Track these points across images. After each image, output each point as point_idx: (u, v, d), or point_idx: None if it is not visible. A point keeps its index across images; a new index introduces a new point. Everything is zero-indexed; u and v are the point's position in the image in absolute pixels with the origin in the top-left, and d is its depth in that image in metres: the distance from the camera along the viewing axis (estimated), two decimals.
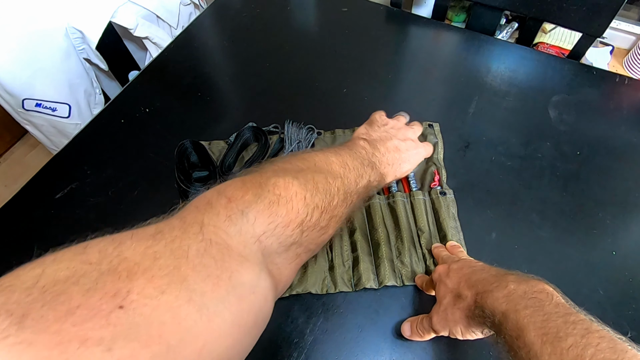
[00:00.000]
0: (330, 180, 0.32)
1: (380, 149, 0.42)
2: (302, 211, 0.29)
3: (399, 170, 0.43)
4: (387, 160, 0.42)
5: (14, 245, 0.48)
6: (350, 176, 0.35)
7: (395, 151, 0.43)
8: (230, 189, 0.28)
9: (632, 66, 1.45)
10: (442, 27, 0.73)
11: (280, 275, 0.29)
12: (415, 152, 0.45)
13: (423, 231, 0.46)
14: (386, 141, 0.43)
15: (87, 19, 0.89)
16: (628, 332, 0.40)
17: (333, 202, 0.32)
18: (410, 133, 0.46)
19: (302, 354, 0.40)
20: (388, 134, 0.44)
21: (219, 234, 0.24)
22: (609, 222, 0.48)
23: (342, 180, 0.34)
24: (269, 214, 0.27)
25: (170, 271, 0.20)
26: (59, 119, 0.95)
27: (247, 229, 0.25)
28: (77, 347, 0.15)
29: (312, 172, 0.32)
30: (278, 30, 0.73)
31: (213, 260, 0.22)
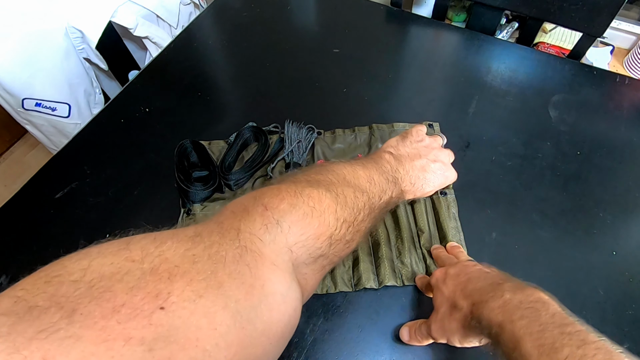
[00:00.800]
0: (357, 195, 0.33)
1: (405, 165, 0.41)
2: (332, 224, 0.29)
3: (420, 190, 0.43)
4: (410, 178, 0.41)
5: (14, 245, 0.48)
6: (375, 191, 0.36)
7: (421, 170, 0.42)
8: (267, 197, 0.28)
9: (632, 66, 1.45)
10: (442, 26, 0.72)
11: (307, 285, 0.29)
12: (443, 175, 0.44)
13: (423, 231, 0.46)
14: (414, 159, 0.43)
15: (87, 19, 0.89)
16: (625, 343, 0.40)
17: (359, 217, 0.32)
18: (442, 155, 0.46)
19: (302, 354, 0.40)
20: (418, 152, 0.44)
21: (254, 241, 0.24)
22: (609, 222, 0.48)
23: (368, 195, 0.34)
24: (302, 225, 0.27)
25: (208, 276, 0.20)
26: (58, 118, 0.94)
27: (280, 239, 0.26)
28: (122, 345, 0.16)
29: (342, 185, 0.32)
30: (278, 30, 0.73)
31: (247, 268, 0.22)
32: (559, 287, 0.44)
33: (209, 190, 0.50)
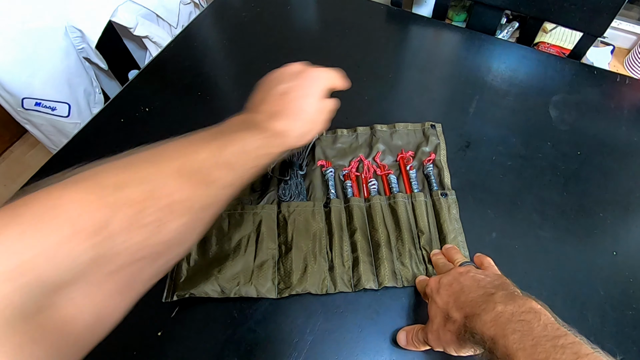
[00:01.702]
0: (157, 165, 0.28)
1: (258, 112, 0.36)
2: (94, 216, 0.22)
3: (292, 113, 0.35)
4: (270, 118, 0.34)
5: None
6: (204, 150, 0.30)
7: (279, 103, 0.36)
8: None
9: (632, 66, 1.45)
10: (442, 26, 0.72)
11: (87, 313, 0.22)
12: (310, 80, 0.37)
13: (424, 232, 0.46)
14: (266, 100, 0.36)
15: (87, 18, 0.89)
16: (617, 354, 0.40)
17: (163, 189, 0.26)
18: (293, 68, 0.39)
19: (302, 354, 0.40)
20: (268, 93, 0.37)
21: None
22: (609, 222, 0.48)
23: (186, 158, 0.29)
24: (27, 236, 0.20)
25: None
26: (58, 118, 0.94)
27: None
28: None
29: (127, 163, 0.28)
30: (278, 29, 0.73)
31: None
32: (560, 287, 0.44)
33: None
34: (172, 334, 0.40)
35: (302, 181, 0.51)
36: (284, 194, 0.49)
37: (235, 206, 0.49)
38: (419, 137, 0.55)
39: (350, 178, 0.51)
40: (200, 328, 0.42)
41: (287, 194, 0.49)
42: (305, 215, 0.47)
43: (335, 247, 0.45)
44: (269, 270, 0.44)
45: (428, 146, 0.54)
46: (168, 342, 0.40)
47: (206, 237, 0.46)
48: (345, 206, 0.49)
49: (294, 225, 0.47)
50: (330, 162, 0.53)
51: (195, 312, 0.43)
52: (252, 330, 0.41)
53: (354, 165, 0.52)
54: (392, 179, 0.50)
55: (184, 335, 0.41)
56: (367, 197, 0.49)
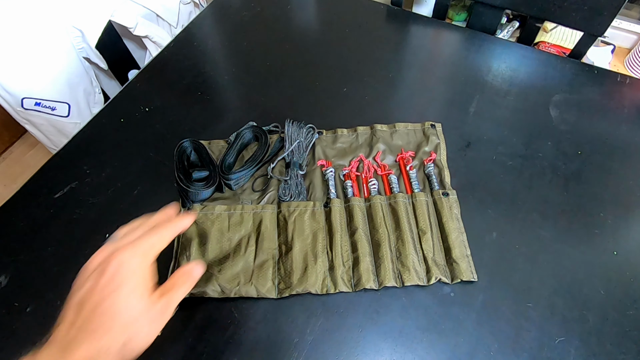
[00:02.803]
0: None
1: (50, 339, 0.26)
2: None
3: (114, 321, 0.26)
4: (62, 349, 0.26)
5: (14, 244, 0.48)
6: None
7: (75, 321, 0.26)
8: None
9: (633, 65, 1.45)
10: (442, 26, 0.72)
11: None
12: (116, 267, 0.27)
13: (425, 232, 0.46)
14: (63, 317, 0.27)
15: (87, 18, 0.89)
16: (626, 343, 0.40)
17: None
18: (100, 257, 0.29)
19: (302, 354, 0.40)
20: (66, 305, 0.28)
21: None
22: (610, 222, 0.48)
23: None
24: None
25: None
26: (58, 118, 0.94)
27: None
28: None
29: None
30: (278, 29, 0.73)
31: None
32: (560, 287, 0.44)
33: (209, 190, 0.50)
34: (172, 334, 0.40)
35: (302, 181, 0.51)
36: (284, 193, 0.49)
37: (235, 206, 0.49)
38: (419, 137, 0.55)
39: (350, 178, 0.51)
40: (200, 328, 0.42)
41: (287, 193, 0.49)
42: (306, 215, 0.47)
43: (336, 246, 0.45)
44: (269, 270, 0.44)
45: (428, 146, 0.54)
46: (168, 342, 0.40)
47: (206, 237, 0.46)
48: (345, 206, 0.48)
49: (294, 225, 0.47)
50: (330, 161, 0.53)
51: (195, 312, 0.42)
52: (252, 330, 0.41)
53: (354, 165, 0.52)
54: (392, 179, 0.50)
55: (184, 335, 0.41)
56: (368, 197, 0.49)
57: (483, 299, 0.43)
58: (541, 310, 0.42)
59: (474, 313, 0.42)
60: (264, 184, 0.51)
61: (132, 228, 0.32)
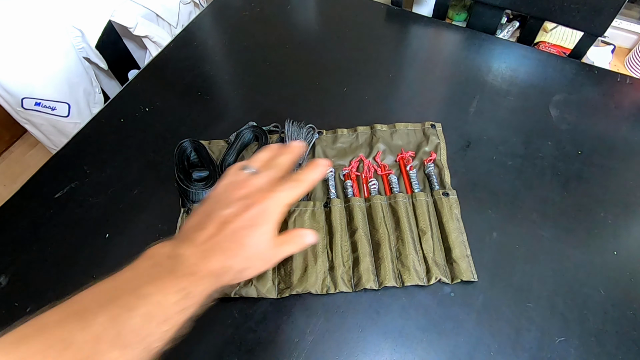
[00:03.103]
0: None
1: (189, 240, 0.29)
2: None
3: (243, 248, 0.30)
4: (202, 254, 0.29)
5: (13, 244, 0.48)
6: (95, 322, 0.24)
7: (218, 232, 0.30)
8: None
9: (633, 65, 1.45)
10: (443, 26, 0.72)
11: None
12: (258, 208, 0.30)
13: (425, 232, 0.46)
14: (201, 224, 0.30)
15: (87, 18, 0.89)
16: (626, 343, 0.40)
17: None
18: (245, 188, 0.32)
19: (302, 354, 0.40)
20: (206, 213, 0.31)
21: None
22: (610, 222, 0.48)
23: (67, 343, 0.23)
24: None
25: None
26: (58, 118, 0.94)
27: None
28: None
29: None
30: (278, 29, 0.73)
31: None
32: (560, 287, 0.43)
33: (209, 190, 0.50)
34: None
35: None
36: None
37: None
38: (419, 137, 0.55)
39: (350, 178, 0.51)
40: (200, 328, 0.41)
41: None
42: (306, 215, 0.47)
43: (336, 247, 0.45)
44: (269, 270, 0.44)
45: (428, 146, 0.54)
46: None
47: None
48: (345, 206, 0.48)
49: (294, 225, 0.47)
50: (330, 161, 0.53)
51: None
52: (252, 330, 0.41)
53: (354, 165, 0.52)
54: (392, 179, 0.50)
55: (184, 335, 0.41)
56: (368, 197, 0.49)
57: (483, 299, 0.43)
58: (541, 310, 0.42)
59: (474, 313, 0.42)
60: None
61: (272, 157, 0.36)
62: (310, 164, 0.35)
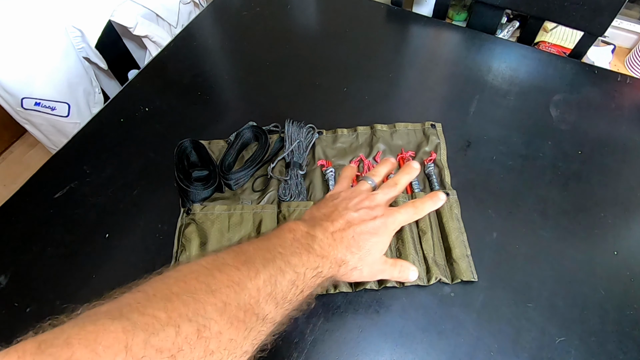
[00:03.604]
0: (201, 302, 0.25)
1: (322, 226, 0.34)
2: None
3: (360, 250, 0.34)
4: (331, 242, 0.33)
5: (13, 244, 0.48)
6: (257, 278, 0.27)
7: (345, 228, 0.34)
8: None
9: (633, 65, 1.45)
10: (443, 25, 0.72)
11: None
12: (380, 222, 0.36)
13: (425, 232, 0.46)
14: (331, 216, 0.35)
15: (87, 18, 0.89)
16: (626, 343, 0.40)
17: (204, 332, 0.24)
18: (370, 200, 0.37)
19: (302, 354, 0.40)
20: (336, 209, 0.36)
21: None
22: (610, 222, 0.48)
23: (236, 289, 0.26)
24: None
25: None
26: (58, 118, 0.94)
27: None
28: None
29: (169, 297, 0.25)
30: (278, 29, 0.73)
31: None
32: (560, 287, 0.43)
33: (209, 190, 0.50)
34: None
35: (302, 181, 0.51)
36: (284, 193, 0.49)
37: (235, 206, 0.49)
38: (419, 137, 0.55)
39: None
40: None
41: (287, 193, 0.49)
42: None
43: None
44: None
45: (428, 146, 0.54)
46: None
47: (206, 237, 0.46)
48: None
49: None
50: (330, 161, 0.53)
51: None
52: None
53: (354, 165, 0.52)
54: None
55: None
56: None
57: (483, 299, 0.43)
58: (541, 310, 0.42)
59: (474, 313, 0.42)
60: (264, 184, 0.51)
61: (390, 172, 0.43)
62: (430, 195, 0.41)
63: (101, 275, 0.45)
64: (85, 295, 0.43)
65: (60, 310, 0.28)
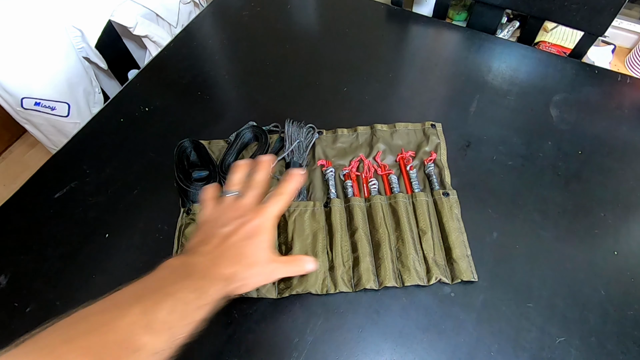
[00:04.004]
0: (71, 344, 0.26)
1: (197, 252, 0.34)
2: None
3: (244, 257, 0.34)
4: (211, 262, 0.33)
5: (13, 244, 0.48)
6: (129, 313, 0.28)
7: (221, 244, 0.35)
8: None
9: (634, 65, 1.45)
10: (443, 25, 0.72)
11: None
12: (254, 223, 0.36)
13: (425, 232, 0.46)
14: (205, 240, 0.35)
15: (87, 18, 0.89)
16: (626, 343, 0.40)
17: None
18: (236, 209, 0.37)
19: (302, 354, 0.40)
20: (208, 231, 0.36)
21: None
22: (610, 222, 0.48)
23: (107, 327, 0.27)
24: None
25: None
26: (58, 117, 0.94)
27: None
28: None
29: (41, 345, 0.26)
30: (278, 28, 0.73)
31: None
32: (560, 287, 0.43)
33: None
34: None
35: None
36: None
37: None
38: (419, 137, 0.55)
39: (350, 178, 0.51)
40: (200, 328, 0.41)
41: None
42: (306, 215, 0.47)
43: (336, 247, 0.45)
44: None
45: (429, 146, 0.54)
46: None
47: None
48: (345, 206, 0.48)
49: (294, 225, 0.47)
50: (330, 161, 0.53)
51: None
52: (252, 330, 0.41)
53: (354, 165, 0.52)
54: (392, 179, 0.50)
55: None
56: (368, 197, 0.49)
57: (483, 299, 0.43)
58: (541, 310, 0.42)
59: (475, 313, 0.42)
60: None
61: (246, 175, 0.41)
62: (286, 175, 0.40)
63: (101, 275, 0.45)
64: (85, 295, 0.43)
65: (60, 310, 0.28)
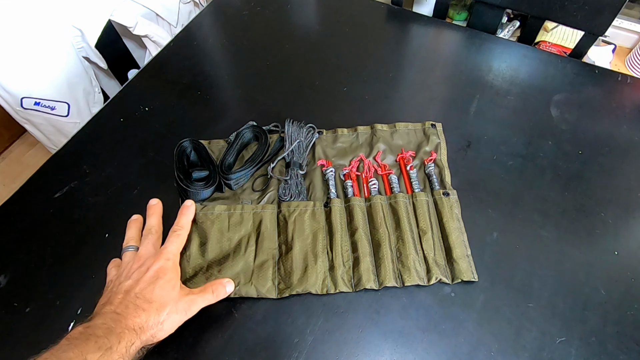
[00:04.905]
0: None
1: (100, 313, 0.34)
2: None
3: (152, 301, 0.35)
4: (116, 317, 0.33)
5: (13, 244, 0.48)
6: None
7: (125, 297, 0.35)
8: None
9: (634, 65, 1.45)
10: (443, 25, 0.72)
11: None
12: (155, 267, 0.37)
13: (425, 232, 0.46)
14: (109, 300, 0.36)
15: (86, 17, 0.89)
16: (627, 343, 0.40)
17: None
18: (136, 261, 0.39)
19: (302, 354, 0.40)
20: (111, 291, 0.37)
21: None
22: (611, 222, 0.48)
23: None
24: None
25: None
26: (57, 117, 0.94)
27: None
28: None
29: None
30: (278, 28, 0.73)
31: None
32: (561, 287, 0.43)
33: (209, 190, 0.49)
34: (172, 334, 0.40)
35: (302, 181, 0.51)
36: (284, 193, 0.49)
37: (235, 206, 0.48)
38: (419, 137, 0.55)
39: (350, 178, 0.51)
40: (200, 328, 0.41)
41: (287, 193, 0.49)
42: (306, 215, 0.47)
43: (336, 246, 0.45)
44: (269, 270, 0.44)
45: (429, 146, 0.53)
46: (168, 342, 0.40)
47: (206, 237, 0.46)
48: (345, 206, 0.48)
49: (294, 225, 0.47)
50: (330, 161, 0.53)
51: None
52: (252, 330, 0.41)
53: (354, 164, 0.52)
54: (392, 179, 0.50)
55: (184, 335, 0.41)
56: (368, 197, 0.49)
57: (484, 299, 0.43)
58: (542, 310, 0.42)
59: (475, 313, 0.42)
60: (264, 184, 0.51)
61: (139, 228, 0.44)
62: (180, 211, 0.43)
63: (101, 275, 0.45)
64: (85, 295, 0.44)
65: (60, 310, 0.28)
